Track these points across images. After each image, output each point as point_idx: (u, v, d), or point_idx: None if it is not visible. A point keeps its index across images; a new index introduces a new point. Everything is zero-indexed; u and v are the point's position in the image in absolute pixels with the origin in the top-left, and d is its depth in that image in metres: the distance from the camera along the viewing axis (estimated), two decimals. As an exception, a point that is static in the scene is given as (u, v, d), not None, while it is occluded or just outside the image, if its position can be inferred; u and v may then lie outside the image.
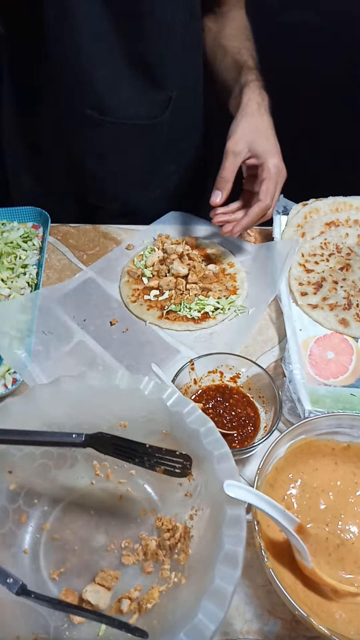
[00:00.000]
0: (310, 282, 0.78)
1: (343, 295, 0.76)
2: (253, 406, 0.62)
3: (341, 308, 0.74)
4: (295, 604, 0.43)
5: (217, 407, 0.62)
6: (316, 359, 0.69)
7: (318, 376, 0.67)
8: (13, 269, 0.82)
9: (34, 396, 0.52)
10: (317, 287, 0.77)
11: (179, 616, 0.43)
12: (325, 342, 0.71)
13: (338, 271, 0.80)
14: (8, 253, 0.83)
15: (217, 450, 0.47)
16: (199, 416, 0.49)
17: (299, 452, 0.55)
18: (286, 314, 0.74)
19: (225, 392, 0.64)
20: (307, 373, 0.67)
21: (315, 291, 0.77)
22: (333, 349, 0.70)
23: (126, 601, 0.48)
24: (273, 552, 0.50)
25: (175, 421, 0.50)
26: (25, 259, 0.83)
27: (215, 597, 0.39)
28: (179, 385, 0.62)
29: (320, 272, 0.80)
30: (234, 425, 0.60)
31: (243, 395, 0.63)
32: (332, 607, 0.48)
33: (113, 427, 0.55)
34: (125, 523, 0.54)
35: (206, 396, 0.63)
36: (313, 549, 0.50)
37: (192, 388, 0.64)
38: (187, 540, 0.50)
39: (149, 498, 0.55)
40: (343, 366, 0.68)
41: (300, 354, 0.69)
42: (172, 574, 0.49)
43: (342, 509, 0.54)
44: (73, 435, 0.47)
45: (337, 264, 0.81)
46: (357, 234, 0.84)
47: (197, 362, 0.63)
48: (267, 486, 0.52)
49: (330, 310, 0.74)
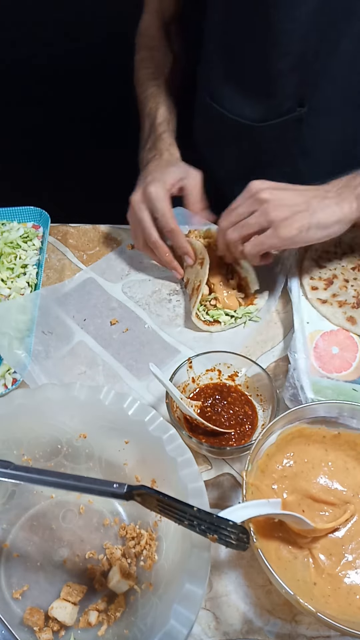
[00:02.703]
0: (321, 278, 0.80)
1: (353, 294, 0.77)
2: (251, 404, 0.63)
3: (350, 306, 0.75)
4: (282, 582, 0.43)
5: (215, 405, 0.63)
6: (321, 352, 0.71)
7: (321, 369, 0.68)
8: (13, 269, 0.80)
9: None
10: (328, 283, 0.79)
11: (151, 623, 0.44)
12: (331, 337, 0.73)
13: (350, 270, 0.81)
14: (8, 253, 0.81)
15: (180, 456, 0.47)
16: (161, 424, 0.50)
17: (290, 438, 0.56)
18: (295, 305, 0.75)
19: (224, 391, 0.64)
20: (311, 364, 0.68)
21: (326, 287, 0.78)
22: (338, 345, 0.72)
23: (94, 613, 0.48)
24: (262, 534, 0.50)
25: (137, 430, 0.50)
26: (25, 259, 0.82)
27: (187, 601, 0.40)
28: (177, 383, 0.62)
29: (332, 269, 0.81)
30: (231, 424, 0.61)
31: (241, 394, 0.64)
32: (315, 590, 0.49)
33: (72, 439, 0.54)
34: (88, 534, 0.53)
35: (204, 394, 0.64)
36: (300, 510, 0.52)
37: (190, 386, 0.64)
38: (152, 547, 0.50)
39: (112, 507, 0.55)
40: (347, 362, 0.70)
41: (306, 344, 0.70)
42: (139, 581, 0.49)
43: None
44: (114, 485, 0.44)
45: (350, 263, 0.82)
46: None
47: (195, 361, 0.63)
48: (259, 472, 0.53)
49: (339, 307, 0.75)
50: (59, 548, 0.52)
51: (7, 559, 0.52)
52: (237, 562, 0.53)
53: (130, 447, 0.52)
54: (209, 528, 0.41)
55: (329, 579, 0.49)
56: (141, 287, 0.81)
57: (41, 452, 0.55)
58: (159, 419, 0.50)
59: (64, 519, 0.54)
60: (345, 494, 0.54)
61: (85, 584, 0.50)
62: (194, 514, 0.41)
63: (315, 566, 0.50)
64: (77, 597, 0.49)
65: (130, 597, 0.49)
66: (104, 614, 0.48)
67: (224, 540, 0.41)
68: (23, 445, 0.54)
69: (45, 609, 0.48)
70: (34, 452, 0.54)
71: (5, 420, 0.51)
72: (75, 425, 0.54)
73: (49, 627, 0.47)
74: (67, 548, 0.52)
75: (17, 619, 0.48)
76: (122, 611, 0.48)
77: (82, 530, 0.54)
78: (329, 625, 0.42)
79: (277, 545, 0.50)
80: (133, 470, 0.53)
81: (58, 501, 0.55)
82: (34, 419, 0.53)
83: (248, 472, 0.50)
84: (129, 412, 0.50)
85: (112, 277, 0.82)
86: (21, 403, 0.51)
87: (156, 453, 0.49)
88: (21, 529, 0.53)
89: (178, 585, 0.41)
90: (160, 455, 0.48)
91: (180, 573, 0.42)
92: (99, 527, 0.54)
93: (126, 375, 0.69)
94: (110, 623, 0.48)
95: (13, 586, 0.50)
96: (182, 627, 0.39)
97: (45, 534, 0.53)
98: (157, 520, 0.51)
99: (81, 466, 0.56)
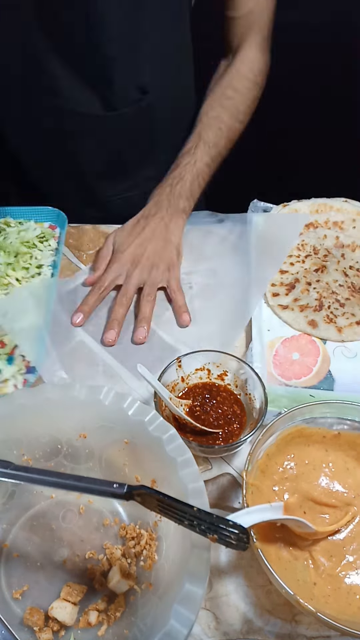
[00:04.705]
0: (283, 283, 0.78)
1: (315, 296, 0.76)
2: (239, 403, 0.63)
3: (312, 309, 0.74)
4: (282, 582, 0.43)
5: (204, 404, 0.63)
6: (281, 359, 0.70)
7: (280, 376, 0.68)
8: (28, 268, 0.80)
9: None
10: (290, 288, 0.77)
11: (150, 623, 0.44)
12: (292, 343, 0.72)
13: (313, 272, 0.79)
14: (24, 252, 0.82)
15: (180, 456, 0.47)
16: (161, 424, 0.49)
17: (290, 438, 0.55)
18: (255, 314, 0.74)
19: (213, 390, 0.64)
20: (269, 373, 0.68)
21: (287, 292, 0.77)
22: (299, 350, 0.71)
23: (94, 613, 0.48)
24: (262, 534, 0.50)
25: (137, 430, 0.50)
26: (40, 260, 0.82)
27: (187, 601, 0.40)
28: (166, 382, 0.62)
29: (294, 273, 0.80)
30: (220, 423, 0.61)
31: (230, 393, 0.64)
32: (315, 590, 0.49)
33: (72, 439, 0.54)
34: (88, 534, 0.53)
35: (193, 393, 0.64)
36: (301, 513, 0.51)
37: (179, 385, 0.64)
38: (152, 547, 0.50)
39: (112, 507, 0.55)
40: (307, 367, 0.69)
41: (263, 354, 0.69)
42: (139, 581, 0.49)
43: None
44: (114, 485, 0.44)
45: (313, 265, 0.80)
46: (335, 236, 0.84)
47: (184, 360, 0.64)
48: (259, 472, 0.53)
49: (301, 312, 0.74)
50: (59, 548, 0.52)
51: (7, 559, 0.52)
52: (237, 562, 0.53)
53: (130, 447, 0.52)
54: (209, 528, 0.41)
55: (329, 579, 0.49)
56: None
57: (41, 452, 0.55)
58: (159, 419, 0.50)
59: (64, 519, 0.54)
60: (346, 495, 0.54)
61: (85, 584, 0.50)
62: (194, 514, 0.41)
63: (315, 567, 0.50)
64: (77, 597, 0.49)
65: (130, 597, 0.49)
66: (104, 614, 0.48)
67: (224, 540, 0.41)
68: (23, 445, 0.54)
69: (45, 609, 0.48)
70: (34, 452, 0.54)
71: (5, 420, 0.51)
72: (75, 425, 0.53)
73: (49, 627, 0.47)
74: (67, 548, 0.52)
75: (17, 619, 0.48)
76: (122, 611, 0.48)
77: (82, 530, 0.54)
78: (329, 625, 0.42)
79: (277, 546, 0.50)
80: (133, 470, 0.53)
81: (58, 501, 0.55)
82: (34, 419, 0.53)
83: (248, 472, 0.50)
84: (129, 412, 0.50)
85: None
86: (21, 403, 0.51)
87: (156, 453, 0.49)
88: (21, 529, 0.53)
89: (178, 585, 0.41)
90: (160, 455, 0.48)
91: (180, 573, 0.42)
92: (99, 527, 0.54)
93: (126, 375, 0.69)
94: (110, 623, 0.48)
95: (13, 586, 0.50)
96: (182, 627, 0.39)
97: (45, 534, 0.53)
98: (157, 520, 0.51)
99: (81, 466, 0.56)
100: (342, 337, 0.72)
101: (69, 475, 0.45)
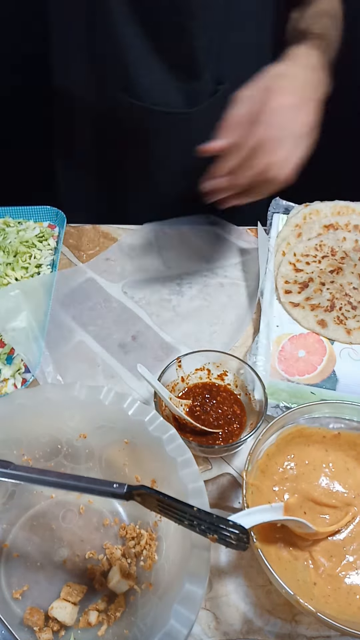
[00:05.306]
0: (297, 281, 0.79)
1: (328, 297, 0.76)
2: (239, 403, 0.63)
3: (323, 309, 0.74)
4: (282, 582, 0.43)
5: (204, 404, 0.63)
6: (286, 355, 0.70)
7: (284, 371, 0.68)
8: (27, 268, 0.80)
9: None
10: (303, 286, 0.78)
11: (150, 623, 0.44)
12: (299, 340, 0.72)
13: (328, 273, 0.79)
14: (23, 252, 0.82)
15: (180, 456, 0.47)
16: (161, 424, 0.49)
17: (290, 438, 0.55)
18: (265, 309, 0.74)
19: (213, 390, 0.64)
20: (273, 367, 0.68)
21: (300, 290, 0.77)
22: (306, 348, 0.71)
23: (94, 613, 0.48)
24: (262, 534, 0.50)
25: (137, 430, 0.50)
26: (39, 259, 0.82)
27: (187, 601, 0.40)
28: (166, 382, 0.62)
29: (309, 272, 0.80)
30: (220, 423, 0.61)
31: (230, 393, 0.64)
32: (315, 590, 0.49)
33: (72, 439, 0.54)
34: (88, 534, 0.53)
35: (193, 393, 0.64)
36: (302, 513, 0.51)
37: (179, 385, 0.64)
38: (152, 547, 0.50)
39: (112, 507, 0.55)
40: (312, 365, 0.69)
41: (269, 348, 0.69)
42: (139, 581, 0.49)
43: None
44: (114, 485, 0.44)
45: (329, 266, 0.80)
46: (355, 239, 0.83)
47: (184, 360, 0.63)
48: (259, 472, 0.53)
49: (311, 310, 0.74)
50: (59, 548, 0.52)
51: (7, 559, 0.52)
52: (237, 562, 0.53)
53: (130, 447, 0.52)
54: (209, 528, 0.41)
55: (329, 579, 0.49)
56: (141, 287, 0.81)
57: (41, 452, 0.55)
58: (159, 419, 0.50)
59: (64, 519, 0.54)
60: (346, 495, 0.54)
61: (85, 584, 0.50)
62: (194, 514, 0.41)
63: (315, 567, 0.50)
64: (77, 597, 0.49)
65: (130, 597, 0.49)
66: (104, 614, 0.48)
67: (224, 540, 0.41)
68: (23, 445, 0.54)
69: (45, 609, 0.48)
70: (34, 452, 0.54)
71: (5, 420, 0.51)
72: (75, 425, 0.53)
73: (49, 627, 0.47)
74: (67, 548, 0.52)
75: (17, 619, 0.48)
76: (122, 611, 0.48)
77: (82, 530, 0.54)
78: (329, 625, 0.42)
79: (277, 546, 0.50)
80: (133, 470, 0.53)
81: (58, 501, 0.55)
82: (34, 419, 0.53)
83: (248, 472, 0.50)
84: (129, 412, 0.50)
85: (112, 277, 0.82)
86: (21, 403, 0.51)
87: (156, 453, 0.49)
88: (21, 529, 0.53)
89: (178, 585, 0.41)
90: (160, 455, 0.48)
91: (180, 573, 0.42)
92: (99, 527, 0.54)
93: (126, 375, 0.69)
94: (110, 623, 0.48)
95: (13, 586, 0.50)
96: (182, 627, 0.39)
97: (45, 534, 0.53)
98: (157, 520, 0.51)
99: (81, 466, 0.56)
100: (351, 339, 0.72)
101: (69, 475, 0.45)
